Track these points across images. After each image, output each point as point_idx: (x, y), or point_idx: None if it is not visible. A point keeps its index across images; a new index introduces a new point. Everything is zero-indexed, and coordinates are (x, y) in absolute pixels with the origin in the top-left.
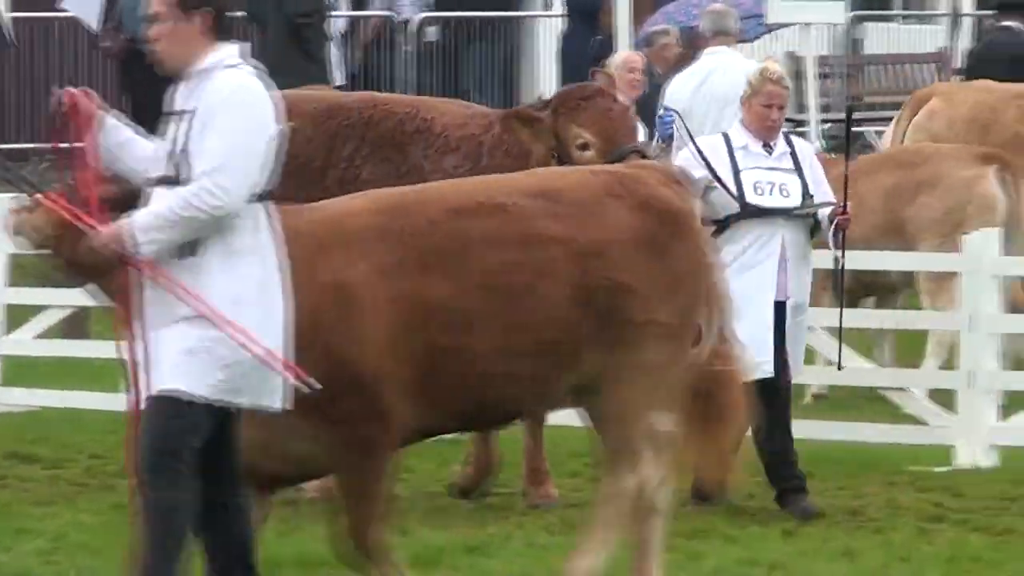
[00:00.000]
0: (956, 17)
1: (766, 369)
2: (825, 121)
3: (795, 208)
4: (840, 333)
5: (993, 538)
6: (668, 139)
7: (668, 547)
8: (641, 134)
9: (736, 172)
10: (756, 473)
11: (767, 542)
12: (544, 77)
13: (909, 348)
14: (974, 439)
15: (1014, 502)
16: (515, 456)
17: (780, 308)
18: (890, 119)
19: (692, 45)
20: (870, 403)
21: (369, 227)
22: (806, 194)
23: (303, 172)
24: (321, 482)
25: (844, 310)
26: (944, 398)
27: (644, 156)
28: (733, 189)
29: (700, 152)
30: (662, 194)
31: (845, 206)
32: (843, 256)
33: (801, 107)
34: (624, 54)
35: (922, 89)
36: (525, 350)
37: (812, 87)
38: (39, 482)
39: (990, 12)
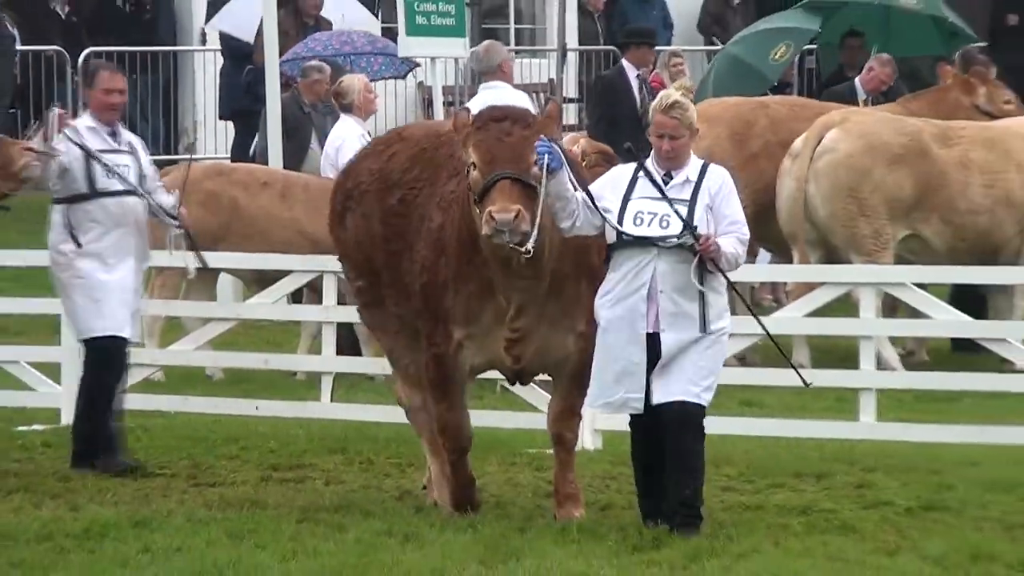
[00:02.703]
0: (563, 52)
1: (634, 405)
2: None
3: (666, 239)
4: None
5: (597, 512)
6: (551, 169)
7: (313, 520)
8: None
9: (625, 201)
10: (393, 456)
11: (401, 516)
12: (202, 103)
13: None
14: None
15: (614, 480)
16: (181, 441)
17: (652, 340)
18: None
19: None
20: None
21: None
22: (688, 225)
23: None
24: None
25: None
26: None
27: (519, 181)
28: (614, 218)
29: (571, 180)
30: None
31: (695, 234)
32: (729, 283)
33: None
34: (361, 80)
35: None
36: None
37: (440, 114)
38: None
39: (599, 47)
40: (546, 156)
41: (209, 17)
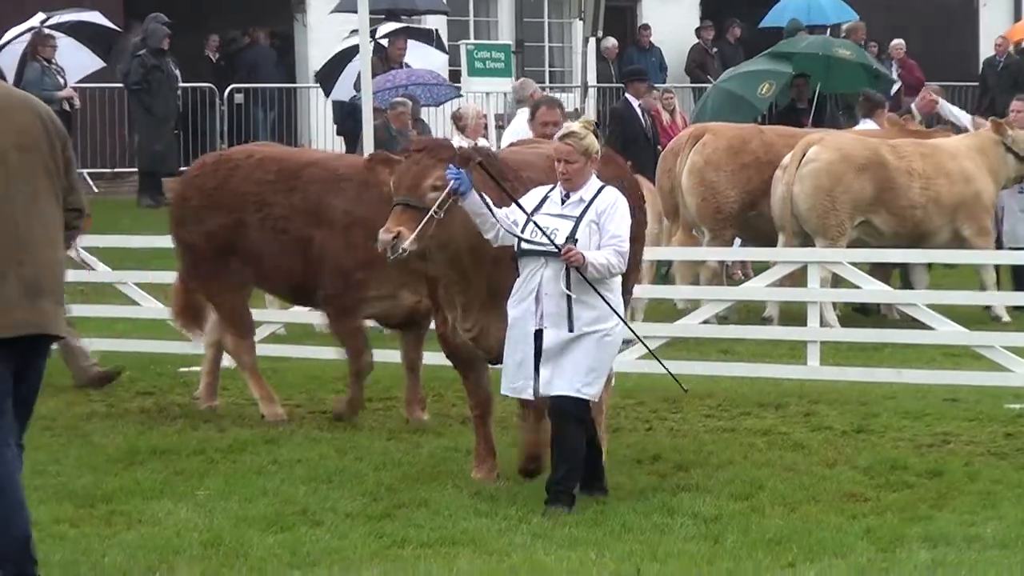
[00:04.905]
0: (585, 88)
1: (528, 392)
2: None
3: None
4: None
5: (610, 433)
6: (460, 192)
7: (398, 438)
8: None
9: (531, 216)
10: (459, 391)
11: (464, 436)
12: (315, 126)
13: None
14: None
15: (623, 409)
16: (300, 380)
17: (538, 336)
18: None
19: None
20: None
21: None
22: (569, 239)
23: None
24: None
25: None
26: None
27: (409, 206)
28: (518, 230)
29: (510, 196)
30: None
31: (559, 247)
32: (593, 288)
33: None
34: (475, 108)
35: (696, 127)
36: None
37: (493, 135)
38: None
39: (612, 84)
40: (452, 182)
41: (326, 90)
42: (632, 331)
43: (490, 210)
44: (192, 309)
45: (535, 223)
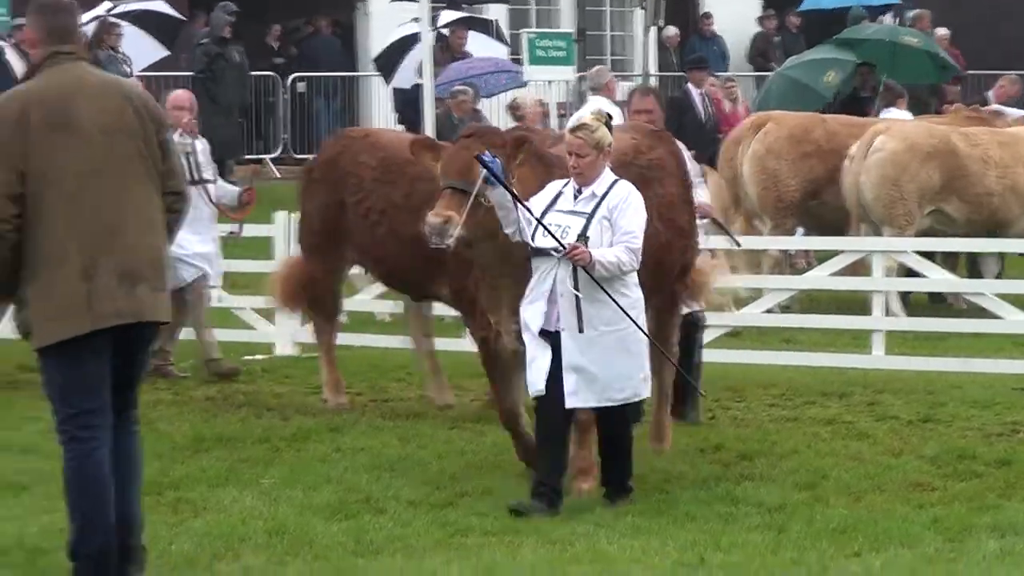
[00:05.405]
0: (646, 77)
1: (538, 388)
2: None
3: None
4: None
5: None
6: (488, 181)
7: (460, 427)
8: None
9: (544, 213)
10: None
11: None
12: (376, 113)
13: None
14: None
15: None
16: (362, 368)
17: (554, 338)
18: None
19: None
20: None
21: None
22: (581, 236)
23: None
24: None
25: None
26: None
27: (457, 190)
28: (529, 231)
29: (514, 195)
30: None
31: (564, 246)
32: (602, 288)
33: None
34: (533, 97)
35: (759, 116)
36: None
37: (555, 124)
38: None
39: (674, 73)
40: (483, 169)
41: (386, 76)
42: (647, 335)
43: (514, 205)
44: (295, 288)
45: (540, 222)
